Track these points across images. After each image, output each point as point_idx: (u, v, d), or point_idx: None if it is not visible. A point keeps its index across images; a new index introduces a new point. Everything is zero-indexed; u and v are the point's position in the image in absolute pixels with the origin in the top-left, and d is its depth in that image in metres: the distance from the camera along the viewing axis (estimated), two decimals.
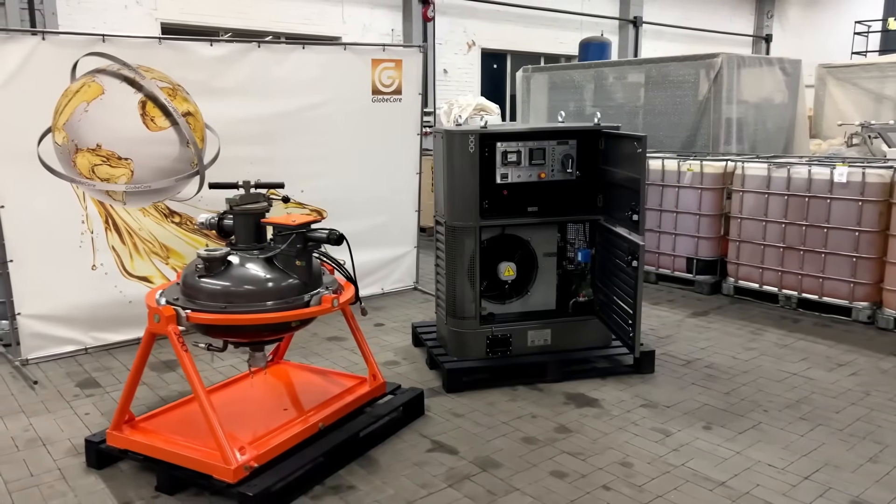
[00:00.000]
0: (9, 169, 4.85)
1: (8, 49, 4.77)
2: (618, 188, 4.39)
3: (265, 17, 12.03)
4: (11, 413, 4.19)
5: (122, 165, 5.22)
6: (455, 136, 4.41)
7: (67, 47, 4.98)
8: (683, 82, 8.34)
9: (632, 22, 17.33)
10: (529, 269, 4.80)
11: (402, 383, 4.54)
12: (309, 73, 5.95)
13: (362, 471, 3.51)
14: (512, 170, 4.54)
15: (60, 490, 3.32)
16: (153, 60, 5.28)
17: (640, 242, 3.97)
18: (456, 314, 4.62)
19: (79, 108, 5.02)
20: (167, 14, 11.12)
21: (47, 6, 10.02)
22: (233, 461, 3.07)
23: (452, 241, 4.54)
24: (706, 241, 6.87)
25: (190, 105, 5.45)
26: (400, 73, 6.41)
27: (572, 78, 9.69)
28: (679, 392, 4.47)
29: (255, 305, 3.29)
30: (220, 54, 5.56)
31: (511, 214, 4.59)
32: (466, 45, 14.98)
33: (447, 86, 14.60)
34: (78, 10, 10.39)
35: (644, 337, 5.45)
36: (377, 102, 6.33)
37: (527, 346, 4.70)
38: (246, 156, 5.74)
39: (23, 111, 4.84)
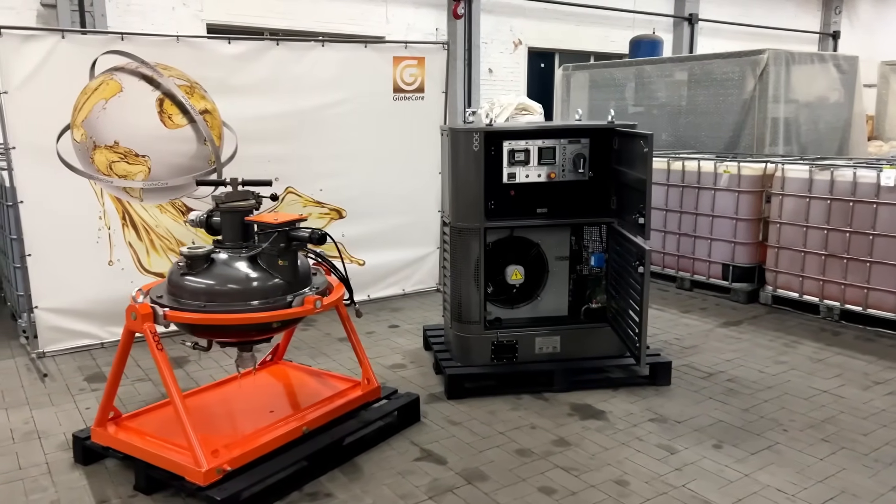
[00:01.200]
0: (28, 165, 4.95)
1: (28, 48, 4.87)
2: (629, 190, 4.16)
3: (309, 18, 12.12)
4: (17, 405, 4.26)
5: (139, 162, 5.27)
6: (459, 134, 4.27)
7: (87, 46, 5.06)
8: (727, 80, 7.97)
9: (687, 19, 16.78)
10: (539, 272, 4.61)
11: (406, 387, 4.44)
12: (328, 70, 5.90)
13: (344, 478, 3.41)
14: (520, 169, 4.37)
15: (43, 485, 3.33)
16: (171, 58, 5.31)
17: (645, 247, 3.74)
18: (461, 318, 4.48)
19: (97, 106, 5.09)
20: (213, 15, 11.32)
21: (97, 8, 10.32)
22: (203, 464, 3.01)
23: (457, 242, 4.40)
24: (743, 247, 6.52)
25: (207, 103, 5.47)
26: (423, 70, 6.29)
27: (613, 76, 9.39)
28: (693, 406, 4.21)
29: (234, 305, 3.23)
30: (238, 52, 5.57)
31: (519, 216, 4.42)
32: (513, 43, 14.77)
33: (492, 85, 14.42)
34: (127, 12, 10.67)
35: (667, 347, 5.20)
36: (399, 101, 6.23)
37: (534, 353, 4.52)
38: (264, 154, 5.73)
39: (42, 108, 4.93)
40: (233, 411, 3.64)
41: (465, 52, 13.84)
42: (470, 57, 13.86)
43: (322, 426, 3.57)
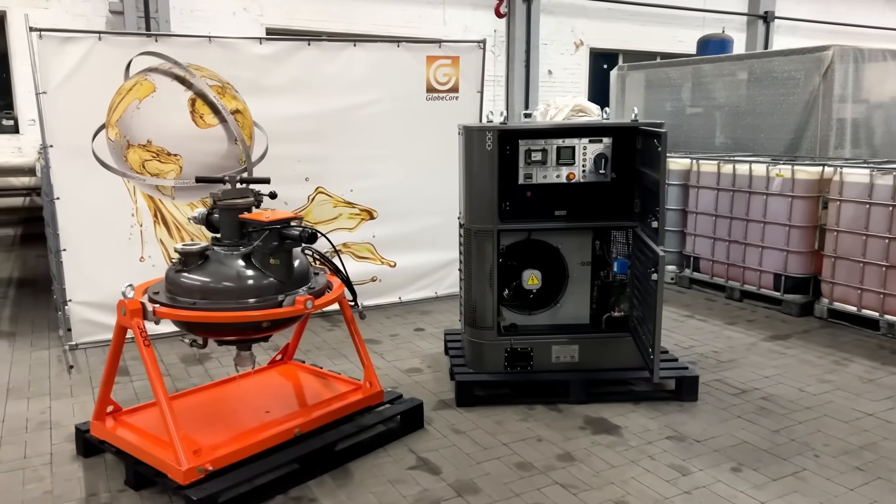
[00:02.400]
0: (65, 163, 5.11)
1: (67, 49, 5.03)
2: (651, 192, 3.92)
3: (366, 21, 12.20)
4: (39, 395, 4.39)
5: (171, 161, 5.37)
6: (473, 133, 4.14)
7: (122, 47, 5.19)
8: (789, 79, 7.50)
9: (762, 17, 16.02)
10: (559, 278, 4.42)
11: (417, 392, 4.34)
12: (360, 70, 5.86)
13: (333, 483, 3.32)
14: (537, 170, 4.19)
15: (41, 475, 3.39)
16: (204, 59, 5.39)
17: (659, 252, 3.50)
18: (474, 323, 4.33)
19: (131, 106, 5.21)
20: (272, 20, 11.55)
21: (161, 14, 10.70)
22: (183, 462, 2.98)
23: (470, 244, 4.26)
24: (797, 256, 6.10)
25: (238, 103, 5.52)
26: (457, 70, 6.18)
27: (669, 76, 9.02)
28: (718, 425, 3.93)
29: (224, 303, 3.20)
30: (269, 52, 5.60)
31: (535, 218, 4.24)
32: (574, 44, 14.47)
33: (551, 87, 14.16)
34: (190, 17, 11.01)
35: (702, 360, 4.90)
36: (432, 101, 6.14)
37: (550, 361, 4.32)
38: (294, 154, 5.76)
39: (79, 108, 5.08)
40: (228, 411, 3.62)
41: (524, 54, 13.65)
42: (528, 58, 13.64)
43: (316, 429, 3.49)
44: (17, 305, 6.43)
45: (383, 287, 6.29)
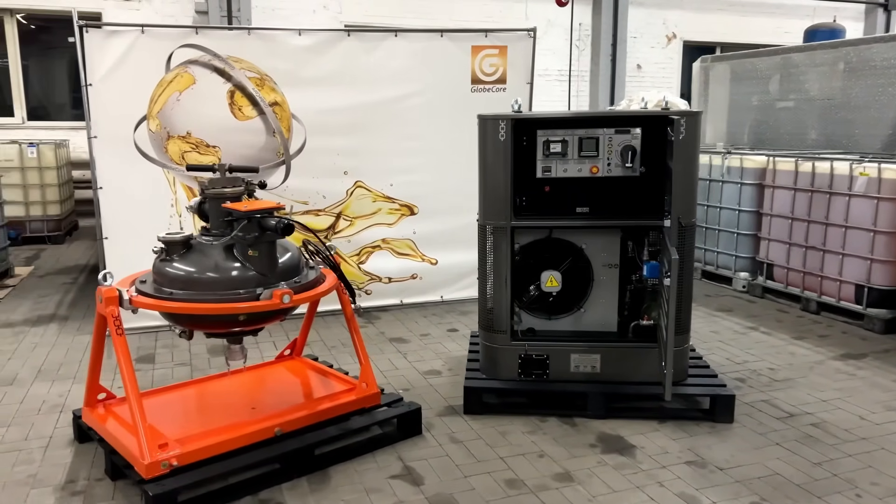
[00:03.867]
0: (108, 153, 5.26)
1: (111, 42, 5.17)
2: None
3: (446, 17, 12.07)
4: (65, 378, 4.50)
5: (210, 153, 5.41)
6: (487, 123, 3.87)
7: (164, 39, 5.28)
8: (889, 68, 6.69)
9: (882, 5, 14.62)
10: (583, 281, 4.07)
11: (430, 396, 4.14)
12: (401, 61, 5.71)
13: (307, 487, 3.17)
14: (556, 162, 3.87)
15: (33, 458, 3.43)
16: (243, 51, 5.40)
17: (673, 255, 3.11)
18: (488, 326, 4.06)
19: (172, 98, 5.29)
20: (351, 16, 11.65)
21: (243, 13, 11.00)
22: (146, 456, 2.91)
23: (484, 242, 3.99)
24: (882, 266, 5.40)
25: (277, 95, 5.50)
26: (504, 60, 5.90)
27: (756, 67, 8.30)
28: (749, 452, 3.47)
29: (201, 294, 3.11)
30: (308, 44, 5.54)
31: (554, 215, 3.92)
32: (665, 37, 13.74)
33: (640, 82, 13.52)
34: (272, 16, 11.26)
35: (752, 377, 4.41)
36: (477, 92, 5.89)
37: (569, 370, 3.99)
38: (333, 147, 5.68)
39: (122, 100, 5.21)
40: (213, 405, 3.54)
41: (610, 48, 13.09)
42: (615, 52, 13.07)
43: (299, 429, 3.35)
44: (81, 291, 6.71)
45: (424, 285, 6.11)
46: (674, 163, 3.11)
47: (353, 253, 5.90)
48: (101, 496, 3.08)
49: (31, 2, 10.38)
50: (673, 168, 3.07)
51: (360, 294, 5.98)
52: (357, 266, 5.93)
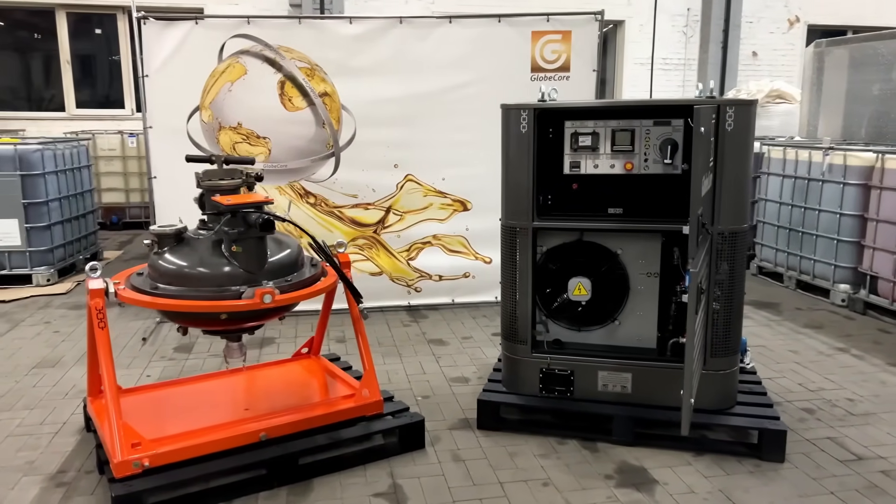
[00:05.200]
0: (163, 144, 5.35)
1: (167, 34, 5.24)
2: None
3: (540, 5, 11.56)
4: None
5: (260, 144, 5.38)
6: (510, 113, 3.53)
7: (217, 30, 5.29)
8: None
9: None
10: (619, 290, 3.64)
11: (448, 406, 3.89)
12: (456, 49, 5.43)
13: (283, 498, 2.99)
14: (586, 157, 3.47)
15: (38, 444, 3.48)
16: (294, 40, 5.33)
17: (691, 269, 2.65)
18: (510, 336, 3.73)
19: (224, 88, 5.30)
20: (443, 5, 11.42)
21: (335, 5, 11.07)
22: (117, 454, 2.84)
23: (506, 244, 3.66)
24: None
25: (327, 85, 5.39)
26: (568, 46, 5.48)
27: (878, 52, 7.32)
28: (794, 501, 2.95)
29: (184, 289, 3.00)
30: (359, 32, 5.38)
31: (582, 215, 3.53)
32: (787, 21, 12.56)
33: (756, 70, 12.45)
34: (365, 8, 11.27)
35: (825, 409, 3.84)
36: (538, 81, 5.50)
37: (597, 389, 3.59)
38: (383, 139, 5.51)
39: (176, 91, 5.28)
40: (206, 404, 3.44)
41: (721, 34, 12.12)
42: (726, 39, 12.09)
43: (286, 435, 3.19)
44: None
45: (477, 284, 5.82)
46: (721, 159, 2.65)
47: (402, 249, 5.70)
48: (84, 490, 3.06)
49: None
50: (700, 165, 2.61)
51: (409, 291, 5.78)
52: (406, 262, 5.72)
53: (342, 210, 5.58)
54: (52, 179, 6.69)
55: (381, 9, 11.21)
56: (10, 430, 3.64)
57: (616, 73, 12.51)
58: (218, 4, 10.97)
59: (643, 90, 12.19)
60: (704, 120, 2.55)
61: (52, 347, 4.89)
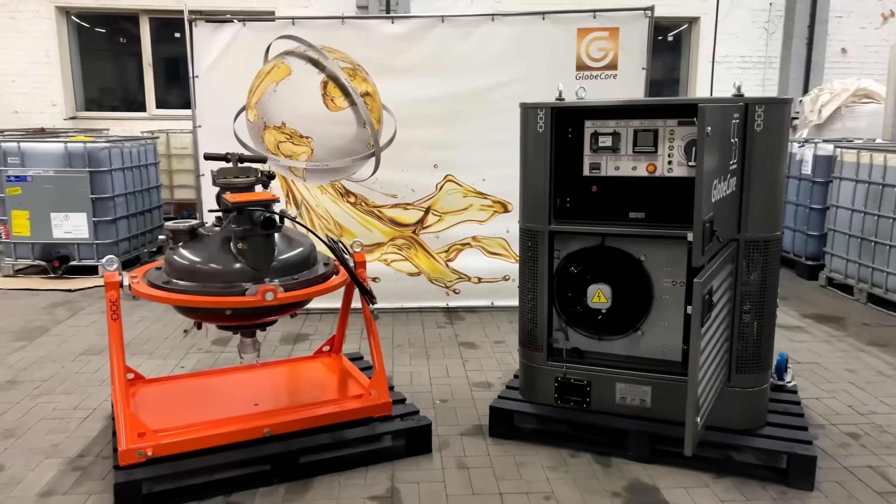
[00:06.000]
0: (210, 142, 5.47)
1: (216, 36, 5.39)
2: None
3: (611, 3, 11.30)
4: (144, 353, 4.78)
5: (303, 143, 5.46)
6: (528, 112, 3.42)
7: (263, 31, 5.40)
8: None
9: None
10: (642, 298, 3.46)
11: (465, 412, 3.84)
12: (498, 48, 5.34)
13: (280, 495, 3.00)
14: (606, 158, 3.33)
15: (68, 428, 3.63)
16: (337, 41, 5.37)
17: (696, 279, 2.48)
18: (526, 342, 3.63)
19: (269, 88, 5.41)
20: (509, 5, 11.31)
21: (401, 6, 11.15)
22: (123, 443, 2.92)
23: (523, 247, 3.56)
24: None
25: (369, 85, 5.41)
26: (616, 43, 5.29)
27: None
28: None
29: (193, 285, 3.06)
30: (401, 31, 5.37)
31: (602, 219, 3.38)
32: (881, 16, 11.74)
33: (845, 68, 11.70)
34: (430, 8, 11.28)
35: (873, 434, 3.56)
36: (583, 80, 5.34)
37: (614, 402, 3.43)
38: (423, 139, 5.48)
39: (224, 91, 5.42)
40: (217, 397, 3.49)
41: (806, 30, 11.46)
42: (812, 35, 11.42)
43: (290, 433, 3.20)
44: None
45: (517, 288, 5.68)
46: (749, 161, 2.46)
47: (441, 249, 5.66)
48: (96, 475, 3.17)
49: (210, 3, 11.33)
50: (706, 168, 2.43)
51: (447, 293, 5.73)
52: (445, 264, 5.68)
53: (382, 210, 5.59)
54: (118, 176, 7.03)
55: (447, 8, 11.20)
56: (45, 413, 3.82)
57: (690, 71, 12.04)
58: (289, 7, 11.26)
59: (719, 90, 11.67)
60: (710, 120, 2.38)
61: (102, 336, 5.12)
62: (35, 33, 11.10)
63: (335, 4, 11.30)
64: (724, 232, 2.92)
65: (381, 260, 5.65)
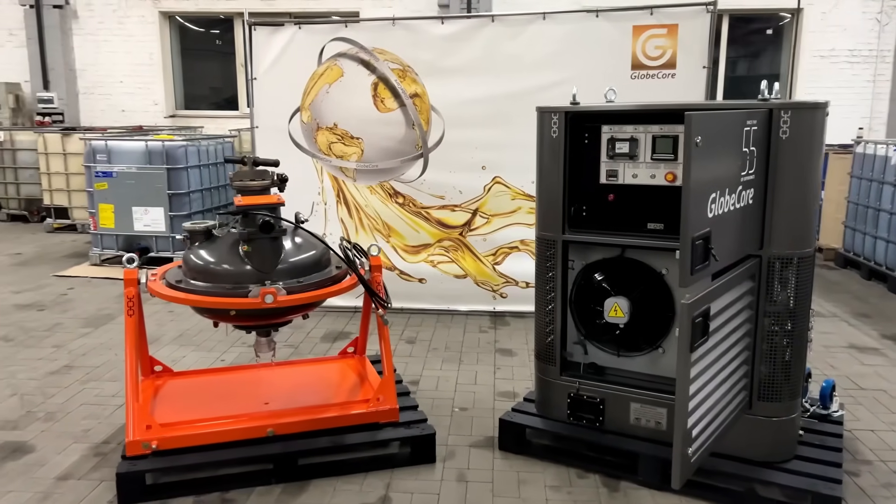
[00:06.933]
0: (267, 143, 5.66)
1: (274, 39, 5.54)
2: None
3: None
4: (191, 344, 4.98)
5: (353, 144, 5.53)
6: (543, 117, 3.30)
7: (317, 34, 5.49)
8: None
9: None
10: (664, 314, 3.26)
11: (483, 421, 3.77)
12: (548, 47, 5.18)
13: (275, 495, 3.04)
14: (624, 166, 3.15)
15: (103, 414, 3.84)
16: (388, 42, 5.39)
17: (683, 301, 2.29)
18: (542, 355, 3.50)
19: (322, 90, 5.51)
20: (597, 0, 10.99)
21: (483, 4, 11.07)
22: (130, 434, 3.05)
23: (539, 256, 3.43)
24: None
25: (418, 86, 5.40)
26: (674, 41, 5.01)
27: None
28: None
29: (203, 285, 3.16)
30: (451, 32, 5.32)
31: (619, 229, 3.20)
32: None
33: None
34: (514, 6, 11.14)
35: None
36: (638, 79, 5.10)
37: (628, 422, 3.25)
38: (471, 140, 5.42)
39: (280, 92, 5.57)
40: (230, 394, 3.57)
41: None
42: None
43: (293, 433, 3.24)
44: None
45: None
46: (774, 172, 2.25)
47: (488, 252, 5.57)
48: (113, 462, 3.30)
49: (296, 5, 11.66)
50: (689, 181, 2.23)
51: (494, 297, 5.64)
52: (492, 267, 5.58)
53: (429, 211, 5.57)
54: (194, 173, 7.38)
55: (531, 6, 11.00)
56: (87, 398, 4.06)
57: (793, 67, 11.27)
58: (373, 7, 11.45)
59: (824, 86, 10.88)
60: (700, 129, 2.18)
61: (159, 326, 5.39)
62: (141, 37, 11.86)
63: (417, 4, 11.39)
64: (736, 248, 2.69)
65: (428, 261, 5.64)
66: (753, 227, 2.81)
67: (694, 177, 2.21)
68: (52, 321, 5.51)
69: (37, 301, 6.07)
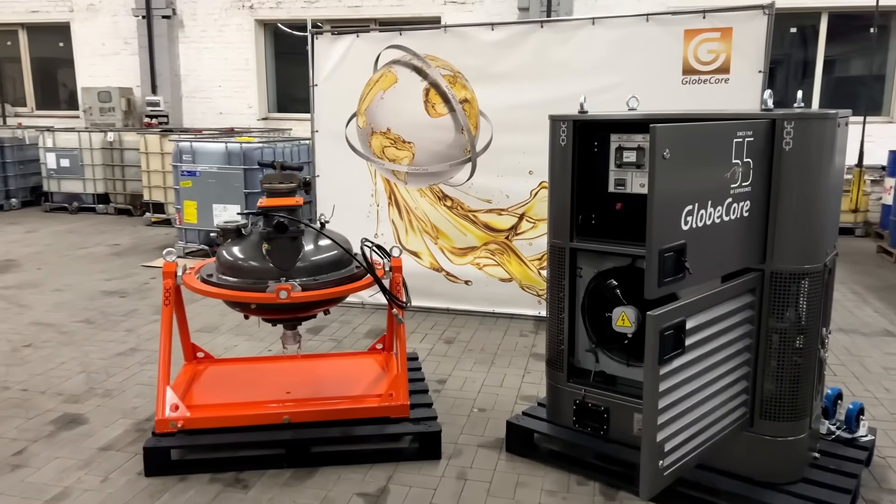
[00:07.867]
0: (327, 146, 5.94)
1: (334, 47, 5.81)
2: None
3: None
4: (246, 334, 5.30)
5: (405, 148, 5.71)
6: (554, 125, 3.34)
7: (374, 42, 5.71)
8: None
9: None
10: None
11: (495, 422, 3.89)
12: (597, 52, 5.15)
13: (283, 479, 3.24)
14: (632, 174, 3.15)
15: (151, 394, 4.13)
16: (439, 49, 5.53)
17: (650, 313, 2.28)
18: (552, 361, 3.53)
19: (377, 96, 5.71)
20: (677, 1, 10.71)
21: (563, 7, 11.03)
22: (160, 413, 3.34)
23: (551, 263, 3.47)
24: None
25: (468, 92, 5.50)
26: (728, 45, 4.86)
27: None
28: None
29: (230, 280, 3.41)
30: (500, 38, 5.39)
31: (626, 238, 3.19)
32: None
33: None
34: (593, 9, 11.03)
35: None
36: (690, 84, 4.98)
37: (632, 432, 3.23)
38: (518, 145, 5.48)
39: (338, 98, 5.83)
40: (257, 382, 3.80)
41: None
42: None
43: (306, 422, 3.43)
44: None
45: None
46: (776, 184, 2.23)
47: (534, 257, 5.60)
48: None
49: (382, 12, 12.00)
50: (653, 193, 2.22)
51: (539, 301, 5.66)
52: (538, 271, 5.61)
53: (476, 214, 5.67)
54: None
55: (610, 9, 10.87)
56: (142, 379, 4.43)
57: None
58: (456, 13, 11.65)
59: None
60: (664, 142, 2.18)
61: (221, 315, 5.77)
62: (238, 44, 12.60)
63: (496, 7, 11.49)
64: (727, 261, 2.64)
65: (474, 264, 5.73)
66: (752, 240, 2.74)
67: (659, 189, 2.21)
68: (130, 307, 6.01)
69: (122, 288, 6.62)
